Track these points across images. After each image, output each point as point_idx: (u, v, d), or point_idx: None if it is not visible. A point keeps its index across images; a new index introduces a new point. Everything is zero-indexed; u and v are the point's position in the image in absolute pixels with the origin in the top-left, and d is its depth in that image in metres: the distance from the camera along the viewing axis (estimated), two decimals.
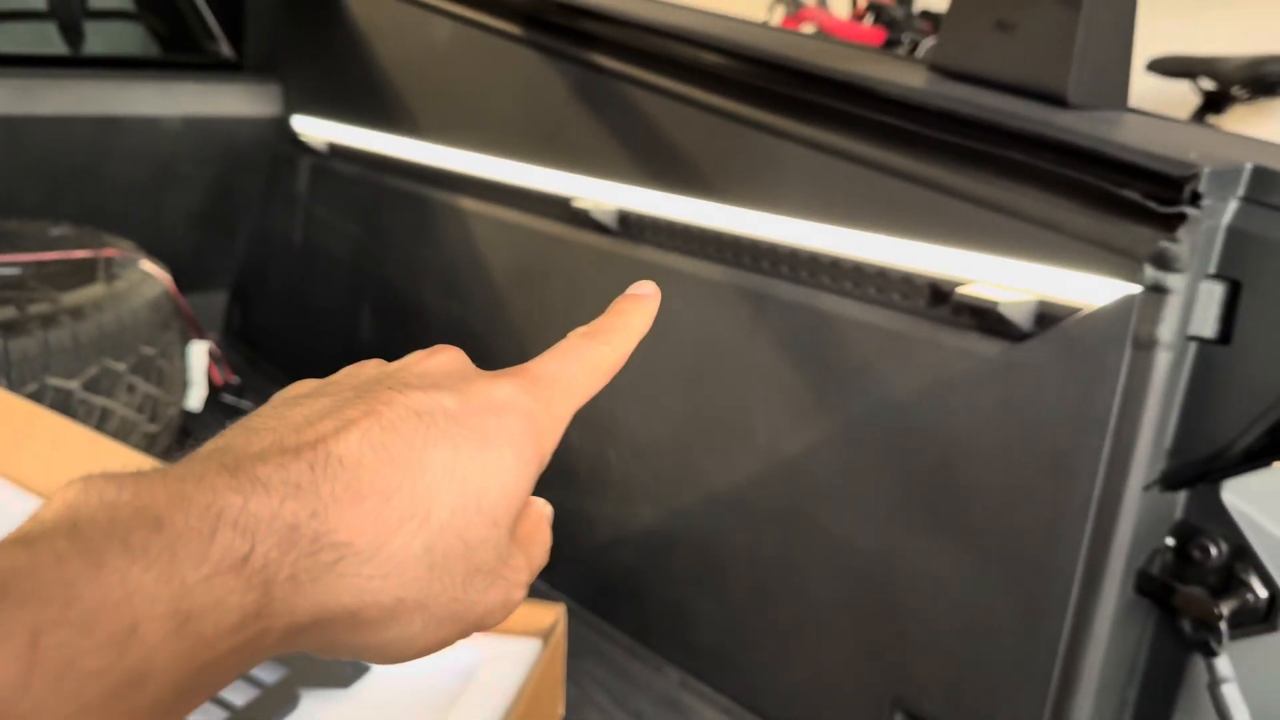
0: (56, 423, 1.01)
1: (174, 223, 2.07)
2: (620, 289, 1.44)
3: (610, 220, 1.22)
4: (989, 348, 0.84)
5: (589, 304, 1.46)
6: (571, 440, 1.36)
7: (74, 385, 1.28)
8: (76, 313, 1.29)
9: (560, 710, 1.03)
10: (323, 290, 1.91)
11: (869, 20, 3.45)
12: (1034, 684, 0.85)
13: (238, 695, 0.86)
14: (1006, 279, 0.84)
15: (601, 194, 1.25)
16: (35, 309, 1.26)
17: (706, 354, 1.11)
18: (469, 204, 1.54)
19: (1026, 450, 0.83)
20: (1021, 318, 0.81)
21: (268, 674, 0.89)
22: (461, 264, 1.54)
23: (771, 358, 1.02)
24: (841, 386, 0.95)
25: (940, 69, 0.98)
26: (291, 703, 0.88)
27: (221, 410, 1.69)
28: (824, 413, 0.97)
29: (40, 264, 1.42)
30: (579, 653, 1.16)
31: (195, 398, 1.56)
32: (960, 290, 0.84)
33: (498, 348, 1.44)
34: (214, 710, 0.83)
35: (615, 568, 1.23)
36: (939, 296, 0.88)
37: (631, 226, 1.21)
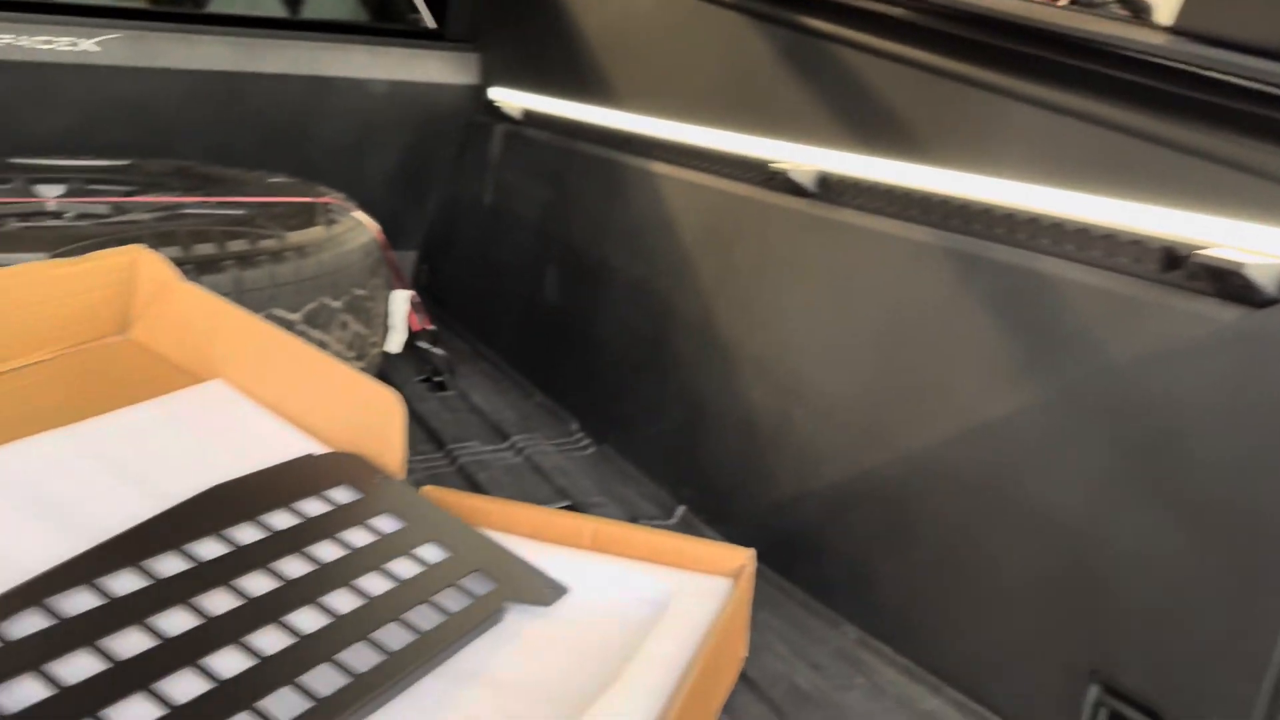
0: (295, 344, 1.10)
1: (372, 182, 2.19)
2: (816, 251, 1.45)
3: (809, 182, 1.23)
4: (1226, 314, 0.81)
5: (780, 266, 1.48)
6: (754, 398, 1.39)
7: (296, 318, 1.37)
8: (301, 251, 1.39)
9: (743, 652, 1.06)
10: (509, 251, 1.99)
11: None
12: (1250, 664, 0.82)
13: (451, 601, 0.91)
14: (1247, 243, 0.81)
15: (801, 156, 1.26)
16: (265, 244, 1.36)
17: (905, 315, 1.11)
18: (660, 168, 1.57)
19: (1261, 422, 0.80)
20: (1268, 281, 0.78)
21: (478, 586, 0.95)
22: (649, 226, 1.58)
23: (979, 320, 1.01)
24: (1056, 351, 0.94)
25: (1182, 31, 0.95)
26: (498, 614, 0.93)
27: (416, 356, 1.79)
28: (1034, 377, 0.96)
29: (266, 205, 1.53)
30: (755, 603, 1.18)
31: (395, 342, 1.65)
32: (1200, 253, 0.82)
33: (682, 307, 1.47)
34: (430, 614, 0.89)
35: (794, 524, 1.24)
36: (1173, 260, 0.85)
37: (831, 188, 1.22)
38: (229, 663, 0.75)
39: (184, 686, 0.72)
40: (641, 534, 1.05)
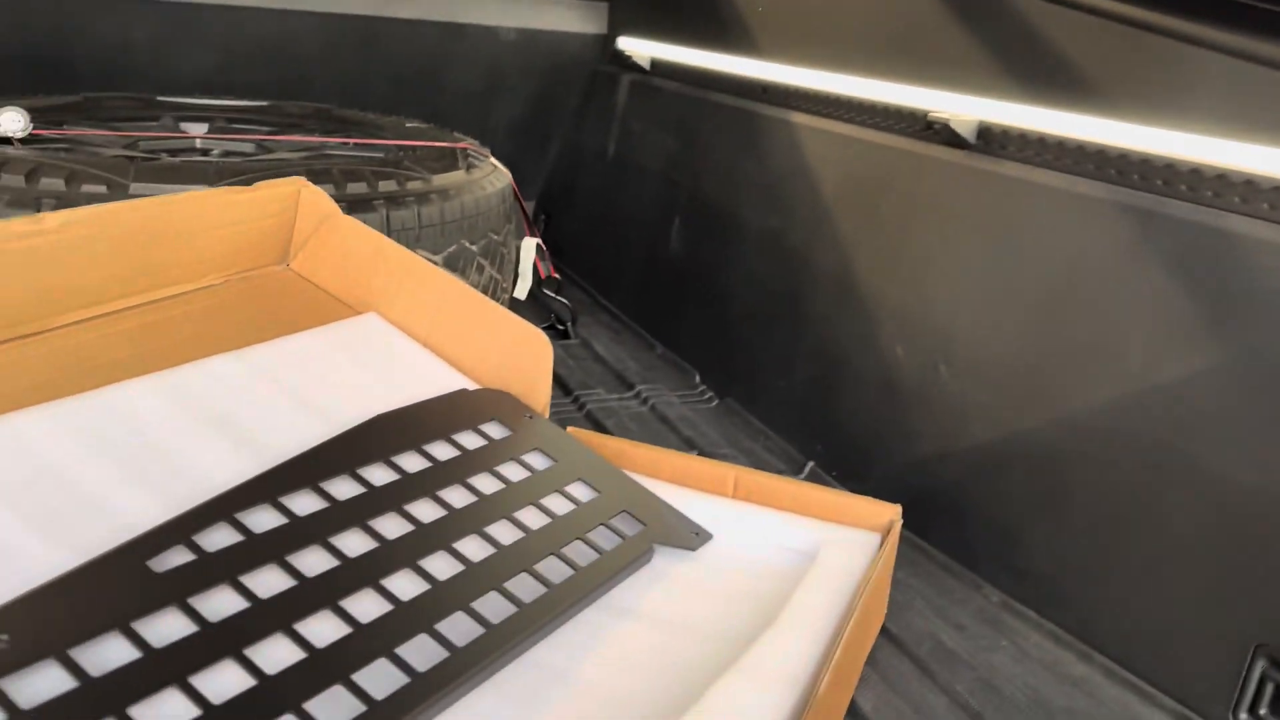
0: (449, 281, 1.11)
1: (495, 129, 2.20)
2: (972, 204, 1.40)
3: (969, 133, 1.20)
4: None
5: (931, 218, 1.44)
6: (897, 354, 1.36)
7: (437, 259, 1.39)
8: (444, 194, 1.40)
9: (884, 607, 1.05)
10: (632, 202, 1.98)
11: None
12: None
13: (603, 539, 0.92)
14: None
15: (962, 106, 1.23)
16: (412, 185, 1.38)
17: (1071, 273, 1.07)
18: (799, 118, 1.54)
19: None
20: None
21: (627, 527, 0.96)
22: (785, 177, 1.55)
23: (1156, 279, 0.97)
24: (1243, 313, 0.90)
25: None
26: (647, 554, 0.94)
27: (538, 303, 1.80)
28: (1216, 339, 0.92)
29: (408, 149, 1.55)
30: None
31: (522, 288, 1.67)
32: None
33: (819, 260, 1.45)
34: (584, 550, 0.90)
35: (934, 484, 1.22)
36: None
37: (993, 140, 1.18)
38: (405, 585, 0.77)
39: (365, 606, 0.74)
40: (785, 484, 1.05)
